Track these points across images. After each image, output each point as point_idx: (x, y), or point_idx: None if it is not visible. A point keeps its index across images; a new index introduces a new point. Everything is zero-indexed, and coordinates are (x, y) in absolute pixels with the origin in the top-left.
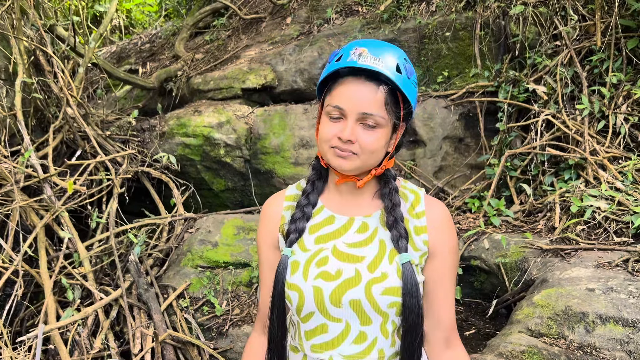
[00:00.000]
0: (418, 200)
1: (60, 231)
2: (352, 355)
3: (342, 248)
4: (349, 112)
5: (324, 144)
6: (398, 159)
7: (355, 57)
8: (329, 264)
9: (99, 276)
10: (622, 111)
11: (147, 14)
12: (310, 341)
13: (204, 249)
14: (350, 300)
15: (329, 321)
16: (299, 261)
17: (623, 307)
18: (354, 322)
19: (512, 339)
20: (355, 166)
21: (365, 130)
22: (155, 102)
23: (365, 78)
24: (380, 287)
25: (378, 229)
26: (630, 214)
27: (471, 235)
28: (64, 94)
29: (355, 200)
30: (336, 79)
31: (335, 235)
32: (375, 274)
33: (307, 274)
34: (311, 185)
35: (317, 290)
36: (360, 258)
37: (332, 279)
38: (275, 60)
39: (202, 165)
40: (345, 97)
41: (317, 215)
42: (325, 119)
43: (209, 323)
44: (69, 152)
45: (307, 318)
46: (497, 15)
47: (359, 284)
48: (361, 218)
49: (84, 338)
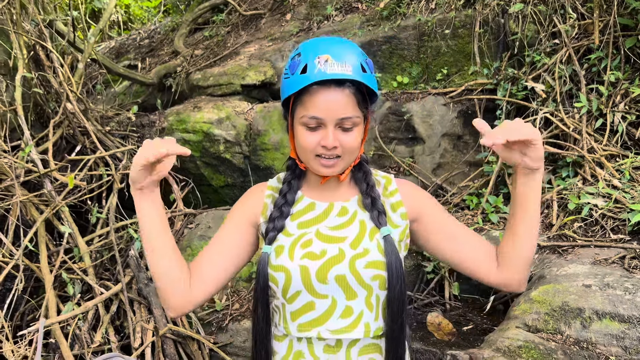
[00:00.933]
0: (389, 182)
1: (61, 226)
2: (339, 329)
3: (324, 231)
4: (327, 120)
5: (308, 153)
6: (397, 156)
7: (322, 66)
8: (313, 245)
9: (99, 271)
10: (619, 109)
11: (145, 9)
12: (297, 321)
13: (204, 244)
14: (335, 275)
15: (315, 298)
16: (283, 245)
17: (619, 303)
18: (340, 296)
19: (509, 334)
20: (341, 168)
21: (344, 133)
22: (155, 98)
23: (335, 85)
24: (363, 261)
25: (357, 212)
26: (627, 212)
27: None
28: (63, 89)
29: (335, 188)
30: (304, 89)
31: (317, 221)
32: (358, 250)
33: (292, 255)
34: (287, 185)
35: (304, 269)
36: (343, 238)
37: (317, 258)
38: (274, 57)
39: (202, 161)
40: (320, 106)
41: (297, 204)
42: (302, 129)
43: (208, 318)
44: (69, 148)
45: (293, 298)
46: (497, 13)
47: (343, 260)
48: (340, 203)
49: (84, 332)
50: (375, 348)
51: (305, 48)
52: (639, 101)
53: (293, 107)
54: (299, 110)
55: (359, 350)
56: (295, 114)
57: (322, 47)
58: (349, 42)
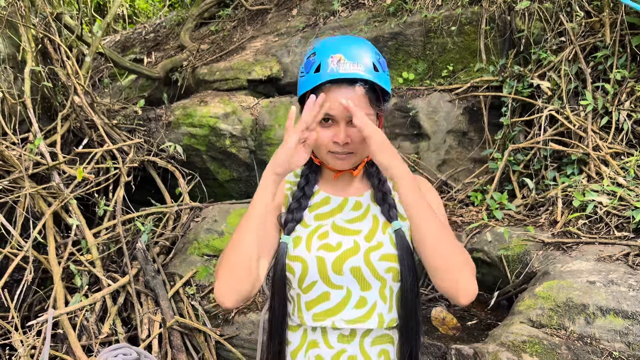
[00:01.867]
0: None
1: (69, 218)
2: (353, 319)
3: (340, 223)
4: (339, 117)
5: (321, 149)
6: (402, 152)
7: (335, 65)
8: (330, 237)
9: (106, 263)
10: (625, 108)
11: (150, 3)
12: (311, 311)
13: (210, 237)
14: (350, 267)
15: (330, 289)
16: (301, 236)
17: (623, 300)
18: (355, 287)
19: (513, 329)
20: (353, 163)
21: (356, 130)
22: (161, 92)
23: (347, 84)
24: (377, 254)
25: (370, 206)
26: (631, 209)
27: (474, 228)
28: (71, 82)
29: (348, 183)
30: (317, 87)
31: (333, 214)
32: (372, 242)
33: (310, 246)
34: (305, 179)
35: (320, 260)
36: (357, 231)
37: (333, 250)
38: (281, 52)
39: (208, 155)
40: (333, 104)
41: (314, 197)
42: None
43: (215, 310)
44: (76, 140)
45: (309, 288)
46: (503, 11)
47: (358, 253)
48: (354, 198)
49: (92, 323)
50: (388, 339)
51: (320, 47)
52: None
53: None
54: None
55: (372, 340)
56: None
57: (336, 46)
58: (363, 41)
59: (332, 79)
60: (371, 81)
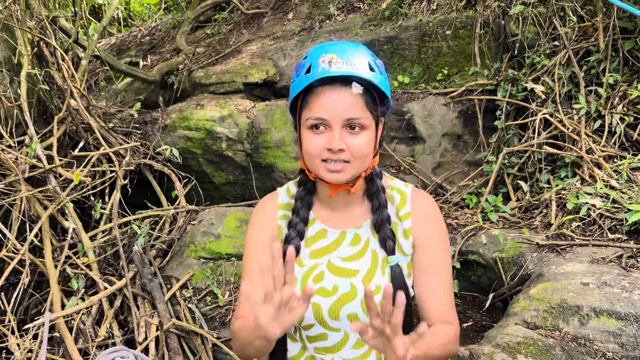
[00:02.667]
0: (404, 202)
1: (65, 221)
2: (353, 358)
3: (336, 263)
4: (332, 121)
5: (314, 159)
6: (398, 155)
7: (326, 65)
8: (325, 280)
9: (102, 266)
10: (618, 111)
11: (146, 6)
12: (313, 344)
13: (207, 240)
14: (347, 314)
15: (328, 331)
16: (296, 276)
17: (616, 301)
18: (352, 331)
19: (508, 331)
20: (350, 176)
21: (352, 136)
22: (157, 95)
23: (340, 84)
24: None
25: (369, 240)
26: (624, 212)
27: (469, 230)
28: (67, 85)
29: (346, 208)
30: (309, 90)
31: (329, 250)
32: (370, 287)
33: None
34: (301, 203)
35: (316, 307)
36: (355, 272)
37: (329, 295)
38: (277, 56)
39: (204, 159)
40: (326, 107)
41: (310, 228)
42: (308, 133)
43: (212, 313)
44: (72, 144)
45: (307, 328)
46: (497, 15)
47: (355, 298)
48: (353, 230)
49: (88, 326)
50: None
51: (312, 50)
52: (637, 103)
53: (300, 112)
54: (304, 113)
55: None
56: (302, 117)
57: (328, 48)
58: (358, 44)
59: (323, 77)
60: (367, 81)
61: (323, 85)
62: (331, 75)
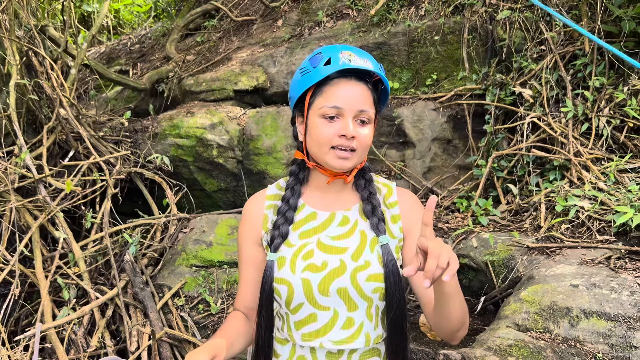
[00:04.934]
0: (390, 192)
1: (55, 231)
2: (341, 340)
3: (325, 241)
4: (347, 110)
5: (323, 146)
6: (388, 160)
7: (346, 59)
8: (315, 257)
9: (93, 276)
10: (604, 114)
11: (135, 14)
12: (300, 331)
13: (199, 248)
14: (337, 288)
15: (317, 310)
16: (285, 257)
17: (605, 302)
18: (342, 309)
19: (500, 334)
20: (353, 163)
21: (361, 127)
22: (147, 103)
23: (355, 79)
24: (364, 274)
25: (358, 221)
26: (612, 213)
27: (460, 234)
28: (56, 94)
29: (337, 195)
30: (324, 81)
31: (318, 230)
32: (359, 262)
33: (294, 267)
34: (290, 191)
35: (306, 282)
36: (344, 249)
37: (319, 271)
38: (267, 62)
39: (195, 166)
40: (342, 96)
41: (299, 213)
42: (320, 120)
43: (204, 321)
44: (62, 153)
45: (297, 309)
46: (485, 20)
47: (345, 273)
48: (342, 212)
49: (80, 337)
50: (375, 352)
51: (327, 48)
52: (622, 106)
53: (311, 100)
54: (318, 102)
55: (360, 355)
56: (313, 105)
57: (344, 47)
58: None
59: (346, 68)
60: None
61: (340, 77)
62: (352, 68)
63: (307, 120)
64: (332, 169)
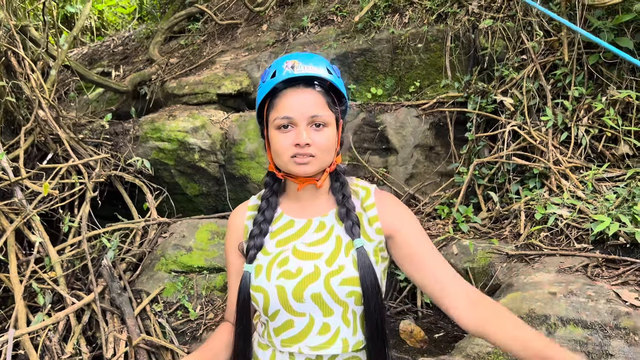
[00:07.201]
0: (368, 195)
1: (31, 235)
2: (318, 345)
3: (301, 248)
4: (298, 118)
5: (283, 156)
6: (371, 166)
7: (289, 69)
8: (290, 263)
9: (70, 281)
10: (583, 123)
11: (119, 15)
12: (279, 337)
13: (178, 253)
14: (311, 294)
15: (294, 316)
16: (262, 265)
17: (582, 310)
18: (317, 314)
19: (478, 341)
20: (316, 168)
21: (316, 132)
22: (129, 106)
23: (304, 85)
24: (338, 278)
25: (334, 226)
26: (590, 222)
27: (440, 241)
28: (35, 96)
29: (313, 201)
30: (275, 94)
31: (295, 237)
32: (333, 267)
33: (270, 275)
34: (266, 202)
35: (280, 289)
36: (319, 255)
37: (293, 277)
38: (251, 67)
39: (176, 170)
40: (291, 106)
41: (277, 222)
42: (275, 132)
43: (183, 327)
44: (40, 155)
45: (274, 316)
46: (467, 29)
47: (319, 278)
48: (319, 218)
49: (54, 343)
50: None
51: (276, 60)
52: (601, 115)
53: (267, 114)
54: (271, 115)
55: None
56: (269, 119)
57: (291, 56)
58: (317, 55)
59: (287, 78)
60: (327, 82)
61: (287, 87)
62: (295, 77)
63: (267, 133)
64: (297, 176)
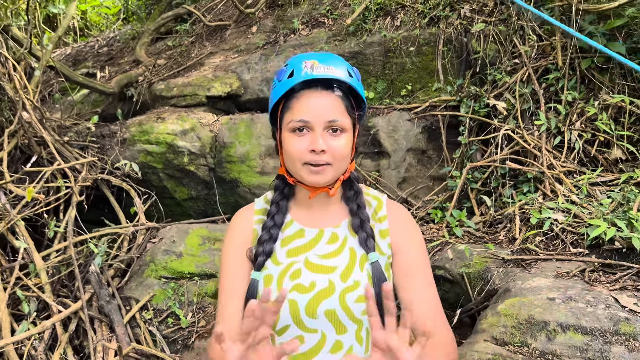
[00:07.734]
0: (380, 206)
1: (15, 241)
2: None
3: (314, 260)
4: (315, 122)
5: (296, 162)
6: (363, 170)
7: (309, 69)
8: (302, 276)
9: (56, 288)
10: (576, 128)
11: (103, 15)
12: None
13: (168, 259)
14: (325, 310)
15: (304, 332)
16: (272, 275)
17: (582, 316)
18: (330, 332)
19: (478, 348)
20: (330, 177)
21: (333, 138)
22: (115, 108)
23: (322, 87)
24: (353, 295)
25: (347, 238)
26: (585, 226)
27: (435, 245)
28: (19, 97)
29: (324, 210)
30: (291, 95)
31: (306, 248)
32: (348, 282)
33: (281, 287)
34: (276, 207)
35: (293, 304)
36: (333, 268)
37: (306, 291)
38: (240, 69)
39: (165, 174)
40: (308, 109)
41: (287, 229)
42: (289, 135)
43: (174, 335)
44: (24, 158)
45: (283, 331)
46: (460, 32)
47: (333, 294)
48: (331, 229)
49: (40, 353)
50: None
51: (293, 58)
52: (594, 120)
53: (281, 116)
54: (286, 117)
55: None
56: (283, 121)
57: (309, 55)
58: (337, 55)
59: (306, 79)
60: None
61: (305, 88)
62: (314, 78)
63: (280, 135)
64: (308, 184)
